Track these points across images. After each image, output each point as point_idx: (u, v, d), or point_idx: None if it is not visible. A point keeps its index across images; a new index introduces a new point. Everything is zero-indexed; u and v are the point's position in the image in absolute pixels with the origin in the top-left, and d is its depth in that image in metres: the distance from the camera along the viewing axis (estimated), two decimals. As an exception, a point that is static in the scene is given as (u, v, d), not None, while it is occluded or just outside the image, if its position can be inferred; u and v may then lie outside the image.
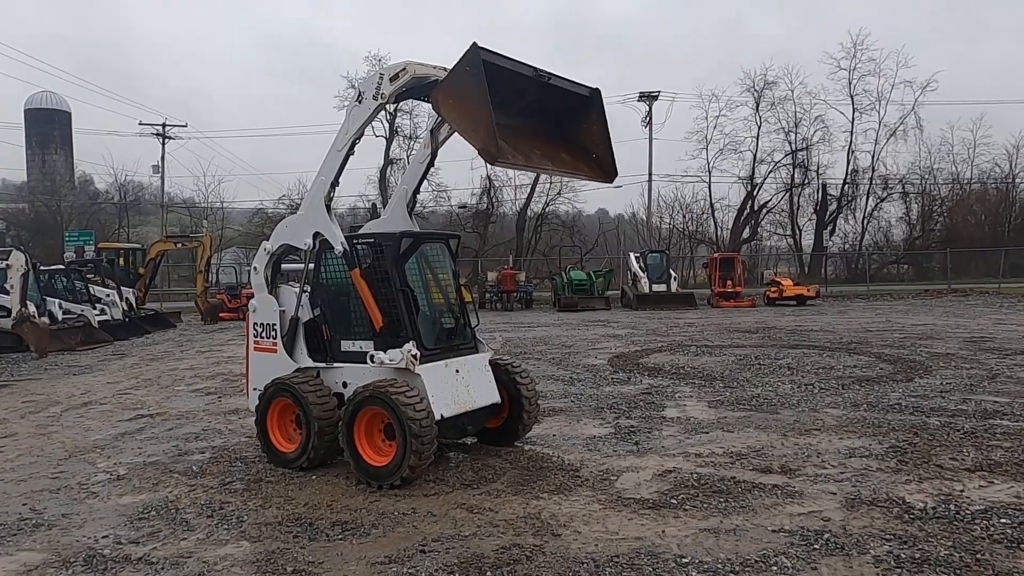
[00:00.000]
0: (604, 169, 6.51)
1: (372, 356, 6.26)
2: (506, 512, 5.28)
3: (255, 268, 7.23)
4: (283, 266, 7.46)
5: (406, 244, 6.65)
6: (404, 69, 6.05)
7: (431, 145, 6.91)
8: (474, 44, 5.29)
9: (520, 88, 5.99)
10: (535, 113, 6.37)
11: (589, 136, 6.52)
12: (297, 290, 7.00)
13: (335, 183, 6.76)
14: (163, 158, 49.24)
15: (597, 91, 6.57)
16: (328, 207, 6.71)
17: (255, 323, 7.16)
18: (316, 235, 6.75)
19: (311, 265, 6.87)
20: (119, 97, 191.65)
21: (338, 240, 6.56)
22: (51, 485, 6.38)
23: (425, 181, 7.42)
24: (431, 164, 7.09)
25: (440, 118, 6.23)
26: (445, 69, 5.79)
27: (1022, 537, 4.54)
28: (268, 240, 7.22)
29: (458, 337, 6.90)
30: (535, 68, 5.98)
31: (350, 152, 6.67)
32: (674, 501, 5.43)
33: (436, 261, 7.08)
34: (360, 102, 6.38)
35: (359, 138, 6.64)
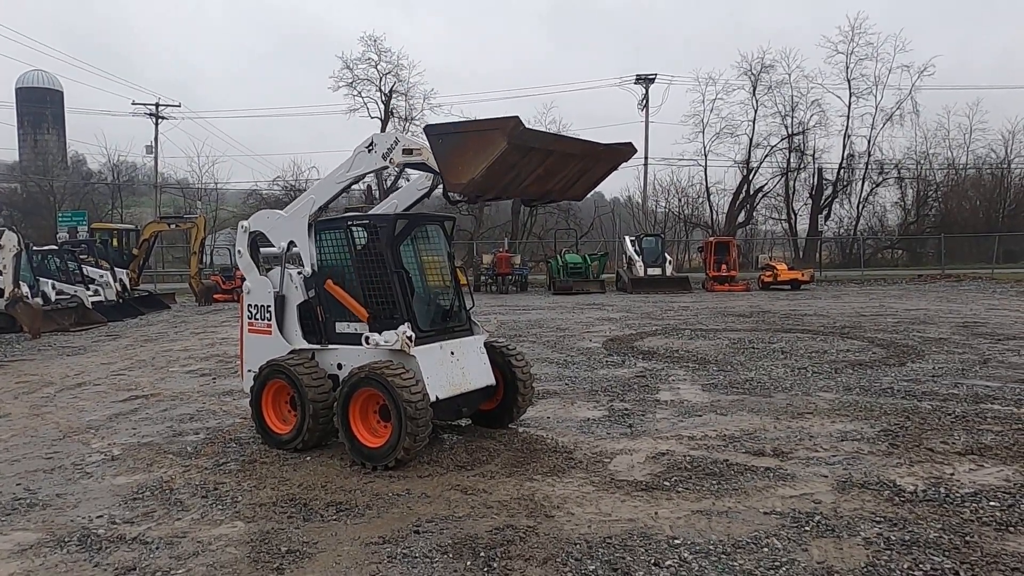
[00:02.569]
0: (620, 154, 6.39)
1: (367, 338, 6.26)
2: (500, 493, 5.31)
3: (239, 251, 7.25)
4: (264, 250, 7.47)
5: (401, 226, 6.63)
6: (420, 151, 6.03)
7: (432, 182, 6.92)
8: (426, 126, 5.57)
9: None
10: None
11: (589, 169, 6.34)
12: (294, 272, 6.99)
13: (324, 207, 6.83)
14: (156, 138, 48.97)
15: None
16: (310, 225, 6.76)
17: (249, 305, 7.16)
18: (291, 244, 6.83)
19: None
20: (112, 76, 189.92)
21: (309, 261, 6.71)
22: (45, 465, 6.39)
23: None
24: (426, 195, 7.15)
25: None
26: None
27: (1010, 520, 4.59)
28: (248, 220, 7.28)
29: (453, 319, 6.90)
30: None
31: (345, 189, 6.79)
32: (667, 483, 5.46)
33: (431, 243, 7.07)
34: (369, 152, 6.35)
35: (357, 182, 6.68)
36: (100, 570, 4.21)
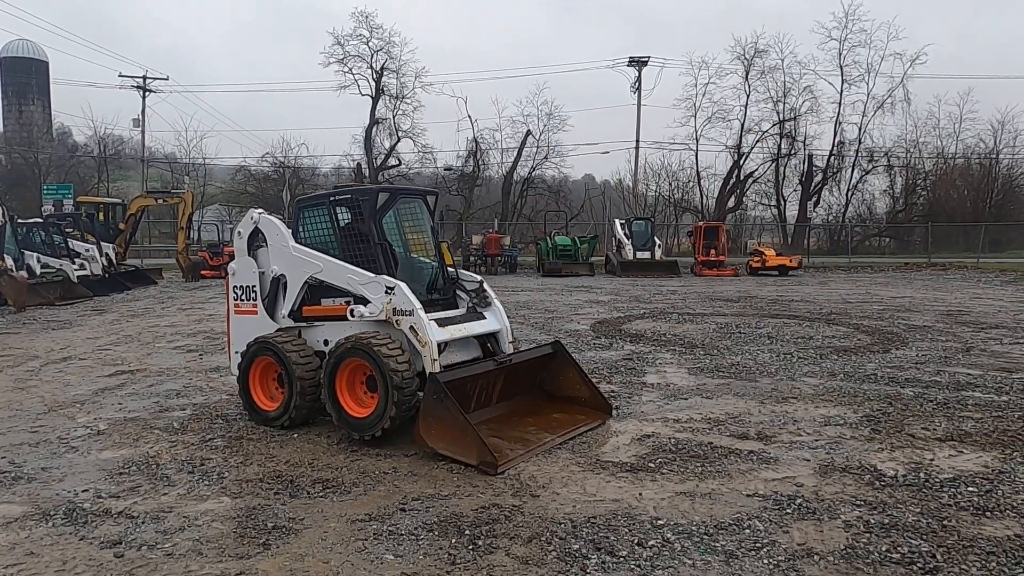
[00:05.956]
0: (598, 407, 6.88)
1: (352, 310, 6.29)
2: (486, 473, 5.33)
3: (239, 233, 7.19)
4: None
5: (383, 199, 6.65)
6: (422, 340, 5.98)
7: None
8: (431, 374, 5.71)
9: (489, 380, 6.41)
10: (513, 389, 6.76)
11: (569, 383, 7.00)
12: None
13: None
14: (144, 111, 48.23)
15: (557, 343, 7.20)
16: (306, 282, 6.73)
17: (235, 286, 7.16)
18: (282, 277, 6.83)
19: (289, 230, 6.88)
20: (99, 47, 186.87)
21: (289, 304, 6.76)
22: (30, 439, 6.37)
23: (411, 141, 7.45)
24: None
25: None
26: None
27: (988, 505, 4.67)
28: (261, 213, 7.13)
29: (437, 292, 6.91)
30: (495, 359, 6.49)
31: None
32: (652, 465, 5.51)
33: (414, 218, 7.08)
34: (387, 293, 6.13)
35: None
36: (86, 543, 4.21)
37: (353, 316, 6.28)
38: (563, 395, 6.97)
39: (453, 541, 4.19)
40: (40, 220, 23.72)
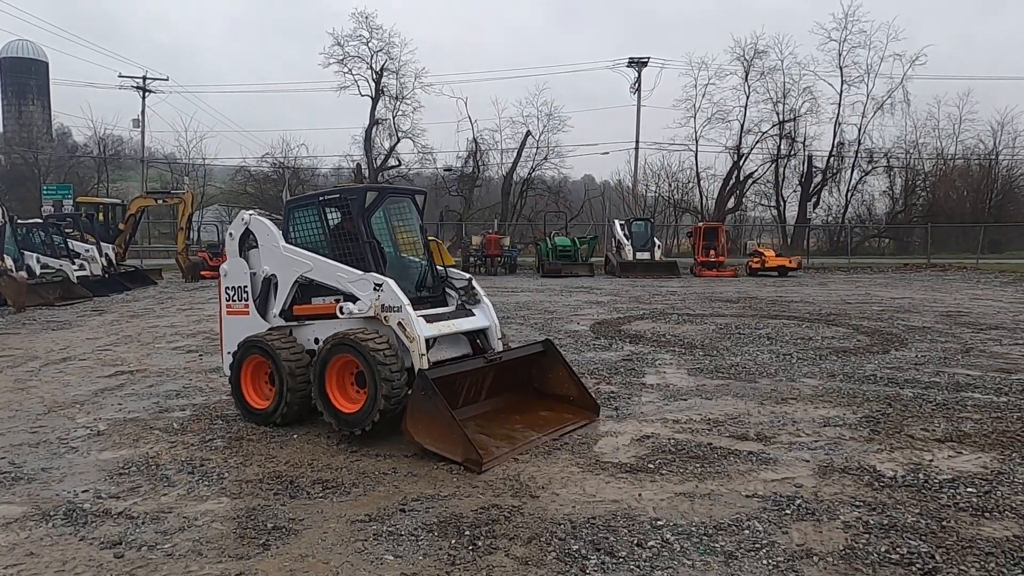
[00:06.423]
0: (586, 406, 6.88)
1: (341, 308, 6.32)
2: (486, 473, 5.33)
3: (231, 234, 7.23)
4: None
5: (371, 198, 6.70)
6: (410, 336, 6.01)
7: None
8: (420, 371, 5.73)
9: (478, 377, 6.44)
10: (502, 387, 6.78)
11: (558, 381, 7.01)
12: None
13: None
14: (143, 112, 48.29)
15: (547, 341, 7.23)
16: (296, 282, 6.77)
17: (227, 287, 7.20)
18: (273, 277, 6.87)
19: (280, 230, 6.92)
20: (98, 47, 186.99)
21: (280, 303, 6.82)
22: (30, 439, 6.37)
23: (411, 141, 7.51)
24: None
25: None
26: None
27: (986, 506, 4.67)
28: (252, 214, 7.19)
29: (427, 290, 6.93)
30: (485, 356, 6.50)
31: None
32: (651, 466, 5.51)
33: (403, 217, 7.12)
34: (375, 290, 6.18)
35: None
36: (86, 544, 4.22)
37: (342, 313, 6.32)
38: (552, 393, 6.97)
39: (453, 542, 4.20)
40: (40, 220, 23.74)
